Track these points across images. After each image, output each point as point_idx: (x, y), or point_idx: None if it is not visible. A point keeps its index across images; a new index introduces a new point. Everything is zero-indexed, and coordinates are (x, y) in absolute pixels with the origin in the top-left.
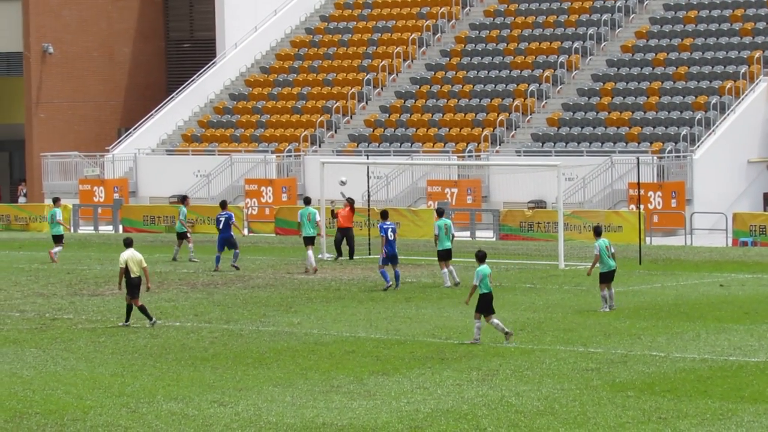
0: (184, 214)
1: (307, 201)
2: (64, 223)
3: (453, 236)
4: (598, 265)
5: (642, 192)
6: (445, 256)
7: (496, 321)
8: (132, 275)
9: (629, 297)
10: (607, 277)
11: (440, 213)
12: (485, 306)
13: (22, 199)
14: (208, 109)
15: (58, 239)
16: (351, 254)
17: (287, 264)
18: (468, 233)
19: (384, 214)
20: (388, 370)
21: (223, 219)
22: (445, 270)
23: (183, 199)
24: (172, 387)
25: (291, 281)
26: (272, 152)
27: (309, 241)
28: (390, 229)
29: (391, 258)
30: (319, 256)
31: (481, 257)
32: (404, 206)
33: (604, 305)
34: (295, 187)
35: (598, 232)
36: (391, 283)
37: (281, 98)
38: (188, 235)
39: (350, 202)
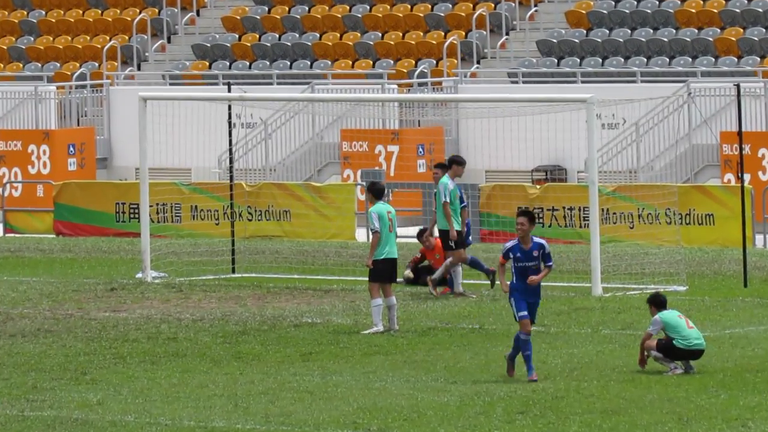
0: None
1: (378, 191)
2: None
3: (396, 235)
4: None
5: (747, 149)
6: (385, 272)
7: None
8: None
9: (726, 347)
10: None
11: (378, 193)
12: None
13: None
14: None
15: None
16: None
17: (82, 291)
18: (418, 228)
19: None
20: None
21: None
22: (379, 300)
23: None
24: None
25: (85, 323)
26: (50, 81)
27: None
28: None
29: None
30: (139, 275)
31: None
32: (298, 180)
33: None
34: (93, 144)
35: (657, 302)
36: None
37: None
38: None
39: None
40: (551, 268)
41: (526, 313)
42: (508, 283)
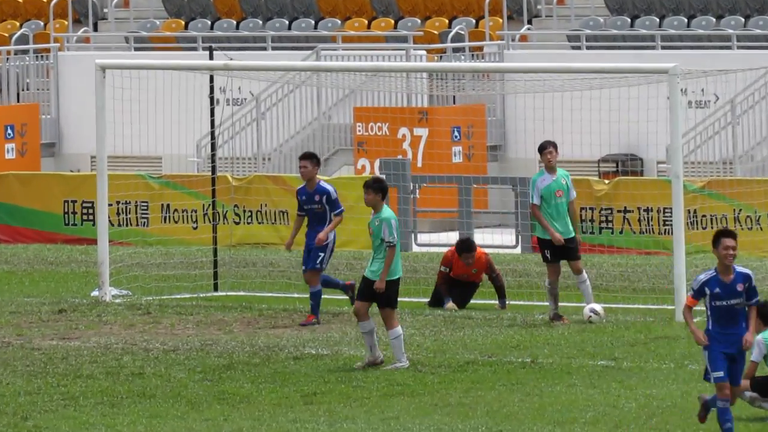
0: None
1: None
2: None
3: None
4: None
5: None
6: (393, 296)
7: None
8: None
9: None
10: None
11: (386, 193)
12: None
13: None
14: None
15: None
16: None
17: (23, 314)
18: (454, 234)
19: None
20: None
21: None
22: (399, 330)
23: None
24: None
25: (26, 354)
26: None
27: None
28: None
29: None
30: (95, 293)
31: None
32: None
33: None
34: (37, 125)
35: (764, 314)
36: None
37: None
38: None
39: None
40: (759, 304)
41: (723, 374)
42: (699, 328)
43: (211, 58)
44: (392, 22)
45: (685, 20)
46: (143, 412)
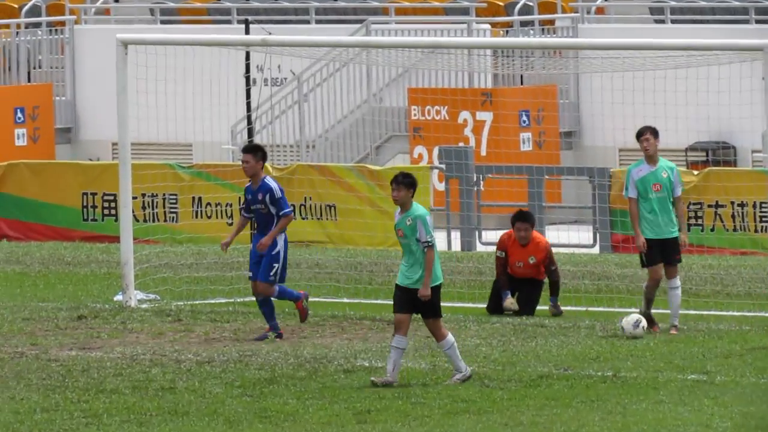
0: None
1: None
2: None
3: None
4: None
5: None
6: (438, 304)
7: None
8: None
9: None
10: None
11: (414, 186)
12: None
13: None
14: None
15: None
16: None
17: (38, 320)
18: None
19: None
20: None
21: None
22: (452, 338)
23: None
24: None
25: (42, 366)
26: None
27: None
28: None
29: None
30: (118, 297)
31: None
32: (348, 161)
33: None
34: (51, 108)
35: None
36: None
37: None
38: None
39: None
40: None
41: None
42: None
43: (247, 32)
44: None
45: None
46: None
